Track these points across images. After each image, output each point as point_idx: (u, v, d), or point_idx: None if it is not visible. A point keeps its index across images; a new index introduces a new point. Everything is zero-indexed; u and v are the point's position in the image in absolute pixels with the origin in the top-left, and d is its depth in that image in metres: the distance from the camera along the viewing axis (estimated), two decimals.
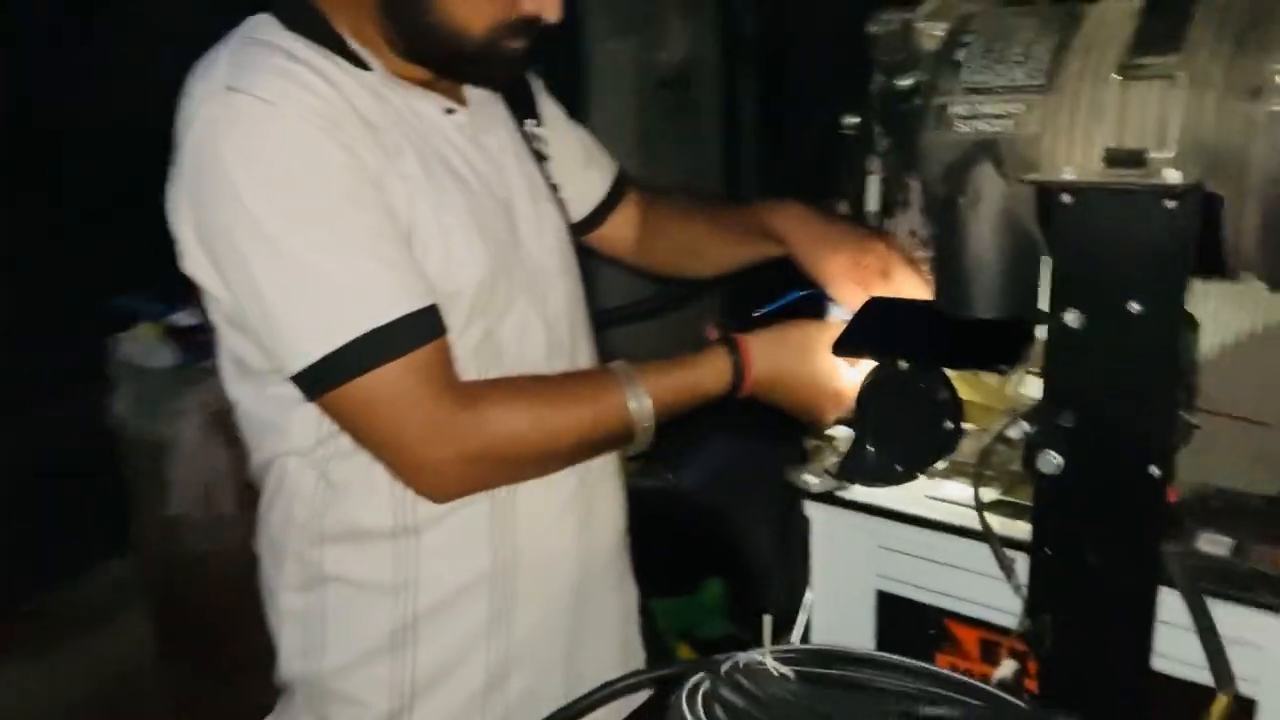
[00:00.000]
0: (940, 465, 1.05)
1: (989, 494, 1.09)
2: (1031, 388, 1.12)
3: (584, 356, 1.28)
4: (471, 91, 1.24)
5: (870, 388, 1.04)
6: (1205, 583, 0.92)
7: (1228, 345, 1.09)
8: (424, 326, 1.08)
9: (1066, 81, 0.90)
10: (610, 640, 1.32)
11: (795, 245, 1.29)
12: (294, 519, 1.19)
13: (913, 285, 1.19)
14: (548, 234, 1.26)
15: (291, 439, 1.17)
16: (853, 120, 1.25)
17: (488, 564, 1.18)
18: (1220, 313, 1.07)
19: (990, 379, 1.07)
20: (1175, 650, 0.94)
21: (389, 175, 1.09)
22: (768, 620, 0.91)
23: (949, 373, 1.04)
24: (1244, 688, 0.93)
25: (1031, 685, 1.01)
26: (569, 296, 1.27)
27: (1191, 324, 0.96)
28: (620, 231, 1.49)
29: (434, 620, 1.17)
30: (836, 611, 1.17)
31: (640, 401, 1.14)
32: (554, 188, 1.32)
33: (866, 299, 1.15)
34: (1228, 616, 0.91)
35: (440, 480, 1.11)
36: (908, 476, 1.05)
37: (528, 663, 1.21)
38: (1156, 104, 0.85)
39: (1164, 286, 0.85)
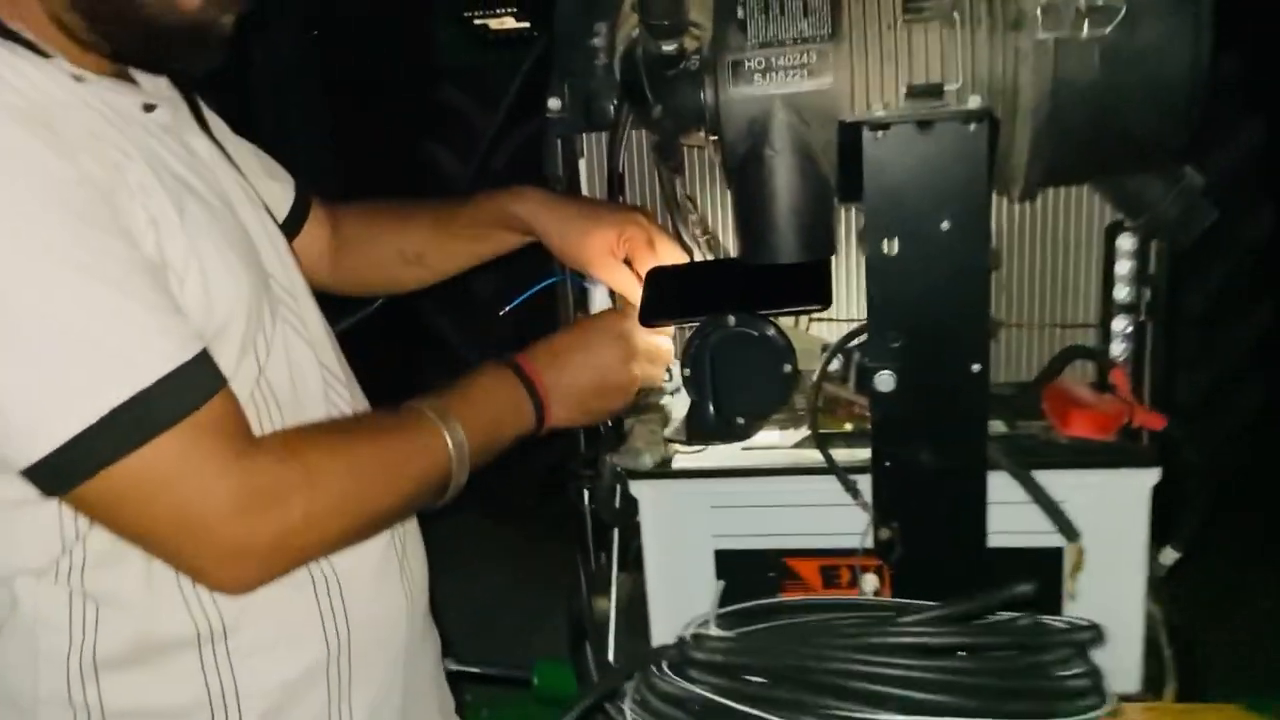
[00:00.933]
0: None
1: (796, 434, 1.15)
2: (816, 329, 1.22)
3: (357, 388, 1.13)
4: (151, 90, 1.03)
5: (700, 348, 1.05)
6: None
7: None
8: (201, 378, 0.87)
9: (850, 29, 0.98)
10: (430, 689, 1.19)
11: (545, 230, 1.24)
12: (43, 653, 0.92)
13: (677, 254, 1.21)
14: (281, 248, 1.10)
15: (22, 552, 0.90)
16: (555, 103, 1.25)
17: (320, 648, 1.00)
18: None
19: (787, 323, 1.14)
20: (1000, 525, 1.07)
21: (121, 190, 0.88)
22: (718, 584, 0.88)
23: None
24: (1049, 539, 1.09)
25: (886, 593, 1.10)
26: (320, 317, 1.12)
27: None
28: (310, 249, 1.33)
29: None
30: (676, 582, 1.16)
31: (460, 446, 1.00)
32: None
33: (649, 270, 1.16)
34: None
35: (251, 566, 0.90)
36: (754, 428, 1.07)
37: None
38: (938, 42, 0.96)
39: (970, 203, 0.96)
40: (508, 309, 1.27)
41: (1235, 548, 2.69)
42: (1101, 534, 1.06)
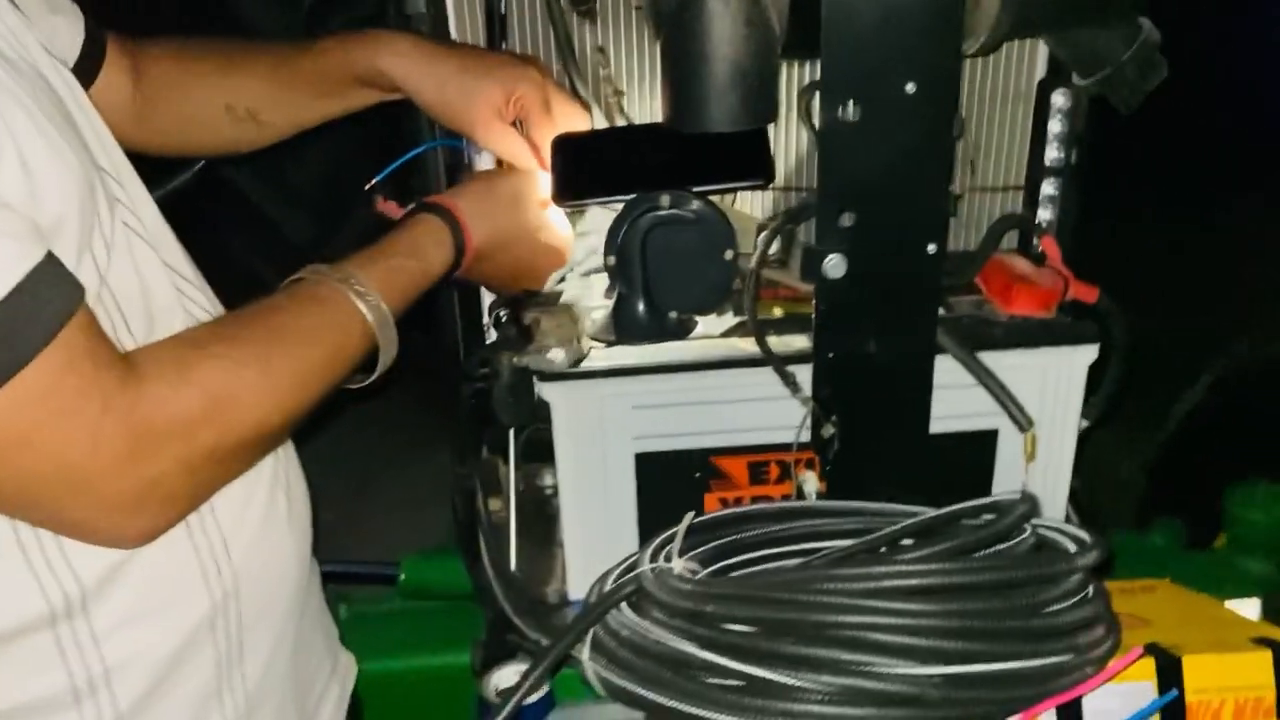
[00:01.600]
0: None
1: (722, 322, 1.04)
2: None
3: (209, 289, 0.92)
4: None
5: (629, 234, 0.91)
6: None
7: None
8: (60, 285, 0.67)
9: None
10: (318, 625, 1.04)
11: (417, 87, 1.03)
12: None
13: (580, 117, 1.04)
14: (95, 119, 0.86)
15: None
16: None
17: (204, 608, 0.82)
18: None
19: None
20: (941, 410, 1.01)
21: None
22: (688, 519, 0.78)
23: None
24: (985, 421, 1.05)
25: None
26: (154, 206, 0.89)
27: None
28: (108, 101, 1.06)
29: (144, 712, 0.80)
30: (592, 490, 1.05)
31: (376, 307, 0.86)
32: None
33: (556, 139, 0.99)
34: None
35: (150, 513, 0.73)
36: (690, 324, 0.95)
37: (268, 699, 0.90)
38: None
39: (939, 64, 0.85)
40: (374, 182, 1.07)
41: None
42: (1037, 409, 1.02)
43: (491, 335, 1.16)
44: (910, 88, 0.85)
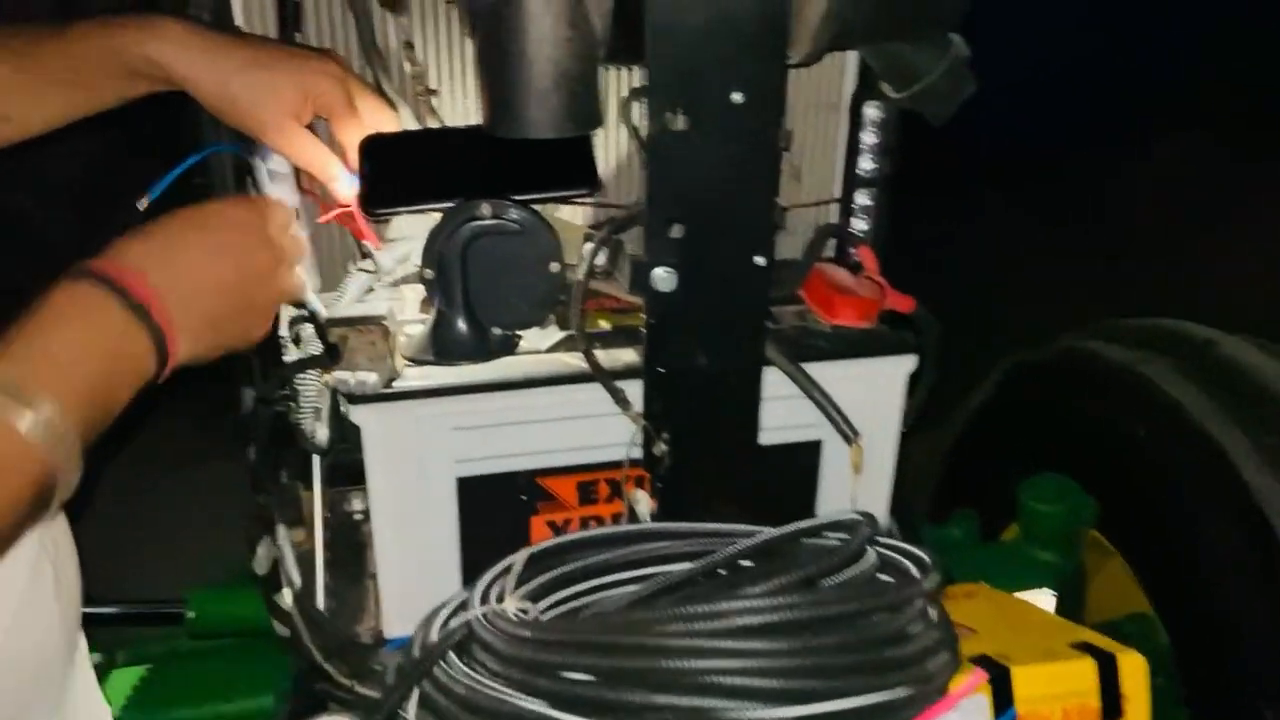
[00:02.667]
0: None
1: (552, 335, 0.99)
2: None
3: None
4: None
5: (448, 245, 0.84)
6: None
7: None
8: None
9: None
10: (78, 691, 0.91)
11: (196, 81, 0.92)
12: None
13: (387, 117, 0.96)
14: None
15: None
16: None
17: None
18: None
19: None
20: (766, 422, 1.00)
21: None
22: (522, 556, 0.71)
23: None
24: (810, 433, 1.05)
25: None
26: None
27: None
28: None
29: None
30: (409, 520, 0.98)
31: (53, 429, 0.65)
32: None
33: (363, 141, 0.90)
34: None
35: None
36: (512, 342, 0.89)
37: None
38: None
39: (765, 72, 0.83)
40: (147, 200, 0.94)
41: None
42: (860, 419, 1.03)
43: (289, 351, 1.07)
44: (737, 97, 0.83)
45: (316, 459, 1.06)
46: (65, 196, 2.18)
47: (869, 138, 1.09)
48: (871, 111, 1.08)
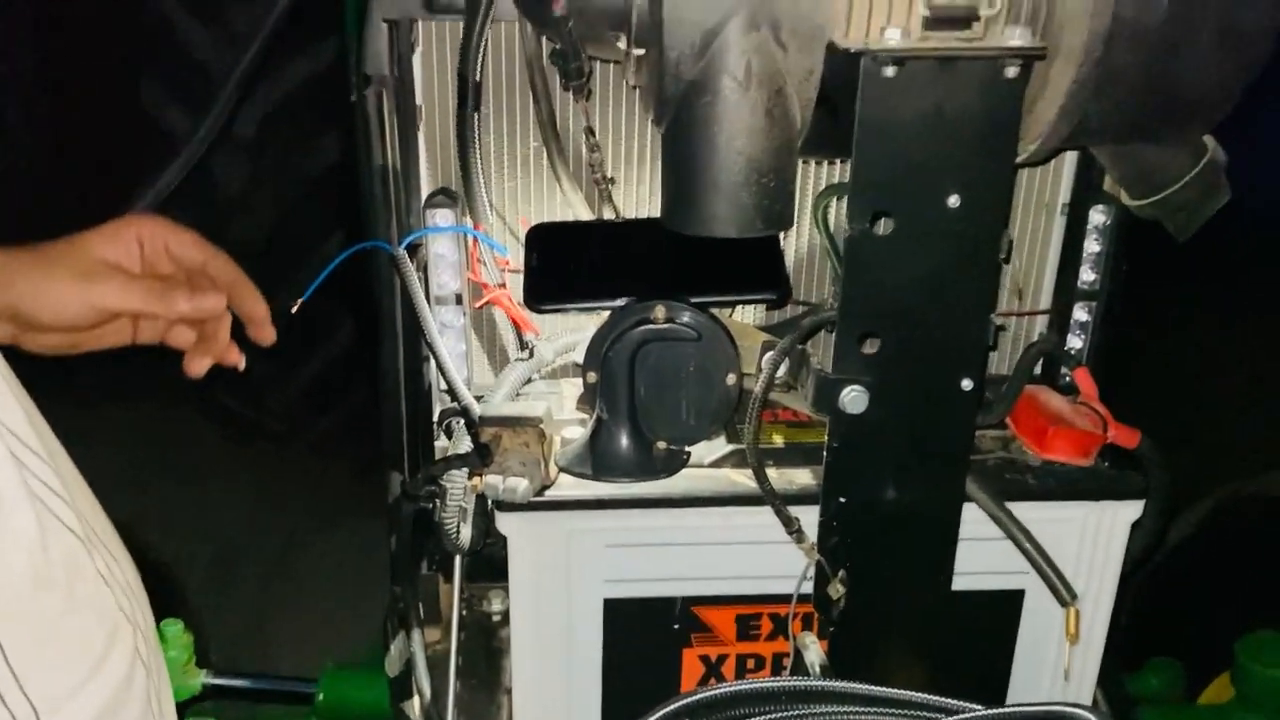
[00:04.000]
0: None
1: (718, 446, 0.90)
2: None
3: (61, 452, 0.69)
4: None
5: (615, 347, 0.76)
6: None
7: None
8: None
9: None
10: None
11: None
12: None
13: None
14: None
15: None
16: None
17: None
18: None
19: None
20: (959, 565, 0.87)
21: None
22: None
23: None
24: (1011, 581, 0.91)
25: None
26: None
27: None
28: None
29: None
30: (551, 640, 0.89)
31: None
32: None
33: (531, 229, 0.84)
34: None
35: None
36: (678, 459, 0.80)
37: None
38: None
39: (989, 174, 0.72)
40: (299, 303, 0.89)
41: None
42: (1073, 572, 0.88)
43: (441, 442, 1.01)
44: (953, 200, 0.72)
45: (458, 560, 0.99)
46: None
47: (1092, 245, 0.96)
48: (1097, 216, 0.96)
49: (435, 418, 1.03)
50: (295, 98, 2.27)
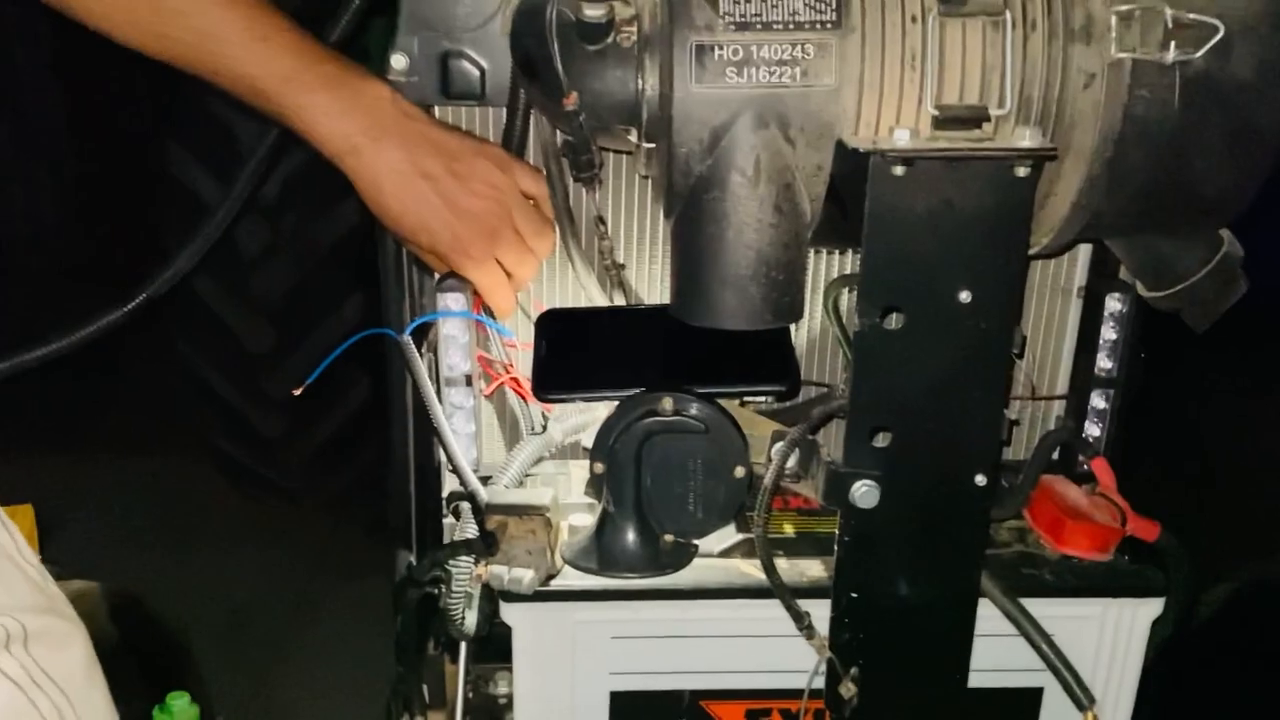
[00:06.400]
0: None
1: (727, 536, 0.88)
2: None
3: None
4: None
5: (622, 440, 0.75)
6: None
7: None
8: None
9: (864, 17, 0.70)
10: None
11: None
12: None
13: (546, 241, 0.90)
14: None
15: None
16: (401, 61, 0.90)
17: None
18: None
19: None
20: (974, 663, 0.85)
21: None
22: None
23: None
24: (1027, 679, 0.88)
25: None
26: None
27: None
28: None
29: None
30: None
31: None
32: None
33: (541, 315, 0.84)
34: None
35: None
36: (686, 553, 0.79)
37: None
38: (979, 47, 0.70)
39: (1000, 270, 0.71)
40: (307, 382, 0.90)
41: None
42: (1091, 672, 0.86)
43: (451, 519, 1.00)
44: (965, 296, 0.71)
45: (463, 645, 0.98)
46: (267, 307, 2.28)
47: (1109, 333, 0.95)
48: (1114, 304, 0.95)
49: (445, 495, 1.03)
50: (317, 162, 2.32)
